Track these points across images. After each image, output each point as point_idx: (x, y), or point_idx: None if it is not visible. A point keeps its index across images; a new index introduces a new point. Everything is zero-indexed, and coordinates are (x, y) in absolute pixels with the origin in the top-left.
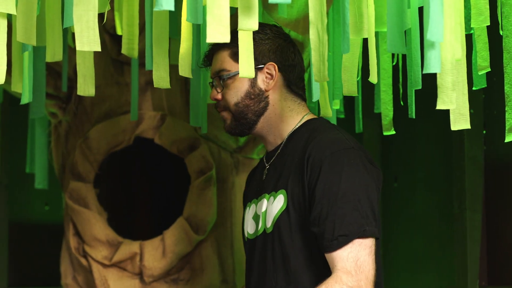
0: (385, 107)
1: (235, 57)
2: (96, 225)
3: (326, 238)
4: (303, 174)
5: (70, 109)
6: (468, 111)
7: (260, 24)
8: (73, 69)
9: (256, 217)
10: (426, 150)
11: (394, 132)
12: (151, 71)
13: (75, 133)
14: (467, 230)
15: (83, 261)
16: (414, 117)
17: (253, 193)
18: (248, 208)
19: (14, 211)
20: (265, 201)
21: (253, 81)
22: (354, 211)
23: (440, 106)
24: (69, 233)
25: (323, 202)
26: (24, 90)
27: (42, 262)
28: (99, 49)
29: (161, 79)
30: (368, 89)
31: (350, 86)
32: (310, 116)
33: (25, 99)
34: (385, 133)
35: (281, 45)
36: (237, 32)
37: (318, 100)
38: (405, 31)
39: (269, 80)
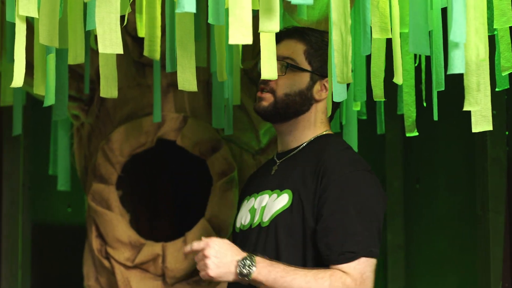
0: (408, 108)
1: (308, 55)
2: (119, 226)
3: (334, 251)
4: (317, 184)
5: (92, 111)
6: (491, 112)
7: (321, 31)
8: (95, 71)
9: (252, 210)
10: (449, 151)
11: (417, 134)
12: (173, 73)
13: (98, 135)
14: (489, 232)
15: (106, 262)
16: (437, 118)
17: (254, 188)
18: (246, 201)
19: (37, 213)
20: (266, 196)
21: (311, 85)
22: (364, 231)
23: (467, 107)
24: (91, 235)
25: (336, 216)
26: (47, 92)
27: (65, 264)
28: (121, 51)
29: (186, 81)
30: (390, 90)
31: (378, 91)
32: (329, 132)
33: (48, 101)
34: (407, 135)
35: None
36: (317, 33)
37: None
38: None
39: (322, 91)
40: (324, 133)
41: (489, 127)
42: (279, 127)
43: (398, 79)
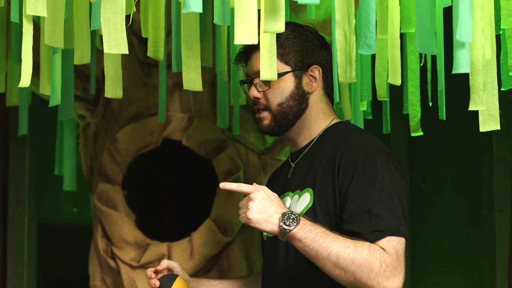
0: (413, 108)
1: (282, 57)
2: (124, 226)
3: (362, 233)
4: (334, 174)
5: (98, 111)
6: (498, 112)
7: (298, 24)
8: (101, 72)
9: None
10: (454, 151)
11: (422, 133)
12: (178, 73)
13: (103, 135)
14: (495, 232)
15: (112, 262)
16: (444, 118)
17: (276, 193)
18: None
19: (43, 213)
20: (288, 199)
21: (298, 83)
22: (388, 211)
23: (472, 107)
24: (97, 235)
25: (358, 201)
26: (53, 92)
27: (71, 264)
28: (126, 52)
29: (192, 81)
30: (396, 90)
31: (382, 91)
32: (338, 120)
33: (54, 101)
34: (412, 134)
35: (321, 47)
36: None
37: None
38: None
39: (312, 82)
40: (332, 123)
41: (496, 126)
42: (288, 134)
43: (396, 79)
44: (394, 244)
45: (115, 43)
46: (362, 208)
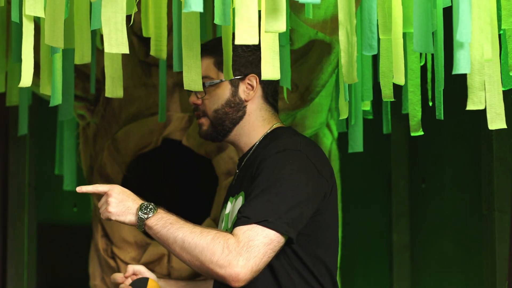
0: (413, 107)
1: (219, 66)
2: (124, 226)
3: (236, 216)
4: (254, 174)
5: (98, 111)
6: (503, 110)
7: None
8: (101, 71)
9: (221, 220)
10: (454, 151)
11: (422, 133)
12: (179, 73)
13: (103, 135)
14: (495, 231)
15: (112, 262)
16: (442, 118)
17: (225, 198)
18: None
19: (43, 213)
20: (229, 204)
21: (235, 91)
22: (267, 202)
23: (470, 106)
24: (97, 235)
25: (253, 191)
26: (53, 92)
27: (71, 264)
28: (127, 51)
29: (192, 81)
30: (396, 90)
31: (387, 91)
32: (279, 125)
33: (55, 101)
34: (413, 134)
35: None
36: (221, 41)
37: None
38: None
39: (249, 91)
40: (272, 128)
41: (502, 125)
42: (228, 140)
43: (400, 79)
44: (251, 233)
45: (116, 43)
46: (250, 198)
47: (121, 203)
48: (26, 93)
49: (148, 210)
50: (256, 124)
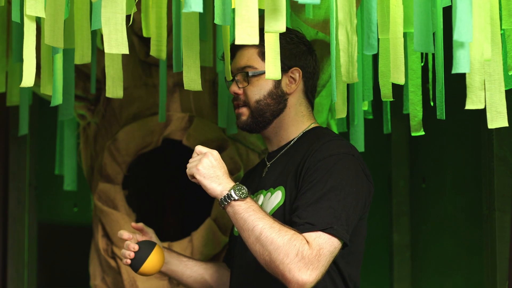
0: (414, 107)
1: (263, 56)
2: (125, 226)
3: (296, 222)
4: (300, 174)
5: (98, 111)
6: (505, 108)
7: (286, 28)
8: (101, 71)
9: None
10: (455, 151)
11: (423, 133)
12: (179, 73)
13: (104, 135)
14: (496, 231)
15: (112, 262)
16: (444, 118)
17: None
18: None
19: (43, 213)
20: (261, 197)
21: (277, 83)
22: (329, 209)
23: (469, 106)
24: (98, 235)
25: (307, 194)
26: (54, 92)
27: (71, 263)
28: (127, 51)
29: (192, 81)
30: (397, 90)
31: (387, 91)
32: (316, 124)
33: (56, 101)
34: (413, 134)
35: (305, 52)
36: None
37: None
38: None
39: (292, 84)
40: (311, 126)
41: (504, 123)
42: (265, 133)
43: (399, 79)
44: (320, 241)
45: (116, 43)
46: (306, 201)
47: (212, 168)
48: (27, 93)
49: (241, 192)
50: (295, 120)
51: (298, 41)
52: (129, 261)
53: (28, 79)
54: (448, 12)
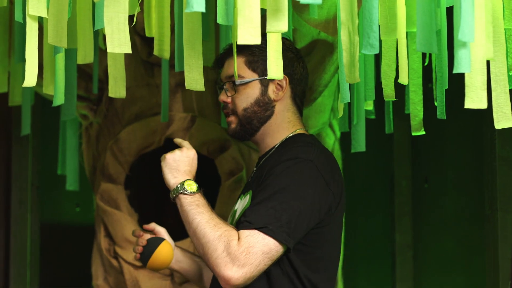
0: (415, 107)
1: (250, 65)
2: (127, 226)
3: (240, 221)
4: (263, 177)
5: (101, 111)
6: (510, 109)
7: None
8: (104, 71)
9: (230, 215)
10: (457, 151)
11: (423, 133)
12: (181, 73)
13: (106, 135)
14: (498, 231)
15: (114, 262)
16: (444, 117)
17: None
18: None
19: (46, 213)
20: (238, 201)
21: (264, 90)
22: (270, 209)
23: (468, 105)
24: (100, 235)
25: (258, 196)
26: (56, 92)
27: (73, 263)
28: (129, 51)
29: (194, 81)
30: (398, 89)
31: (389, 91)
32: (302, 131)
33: (58, 101)
34: (414, 134)
35: (292, 59)
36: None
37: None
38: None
39: (279, 91)
40: (296, 132)
41: (510, 123)
42: (253, 139)
43: (403, 79)
44: (251, 239)
45: (118, 43)
46: (254, 202)
47: (177, 162)
48: (29, 93)
49: (191, 187)
50: (281, 126)
51: (285, 48)
52: (138, 256)
53: (30, 79)
54: (448, 12)
